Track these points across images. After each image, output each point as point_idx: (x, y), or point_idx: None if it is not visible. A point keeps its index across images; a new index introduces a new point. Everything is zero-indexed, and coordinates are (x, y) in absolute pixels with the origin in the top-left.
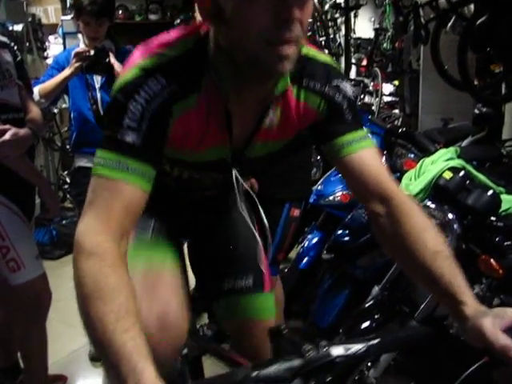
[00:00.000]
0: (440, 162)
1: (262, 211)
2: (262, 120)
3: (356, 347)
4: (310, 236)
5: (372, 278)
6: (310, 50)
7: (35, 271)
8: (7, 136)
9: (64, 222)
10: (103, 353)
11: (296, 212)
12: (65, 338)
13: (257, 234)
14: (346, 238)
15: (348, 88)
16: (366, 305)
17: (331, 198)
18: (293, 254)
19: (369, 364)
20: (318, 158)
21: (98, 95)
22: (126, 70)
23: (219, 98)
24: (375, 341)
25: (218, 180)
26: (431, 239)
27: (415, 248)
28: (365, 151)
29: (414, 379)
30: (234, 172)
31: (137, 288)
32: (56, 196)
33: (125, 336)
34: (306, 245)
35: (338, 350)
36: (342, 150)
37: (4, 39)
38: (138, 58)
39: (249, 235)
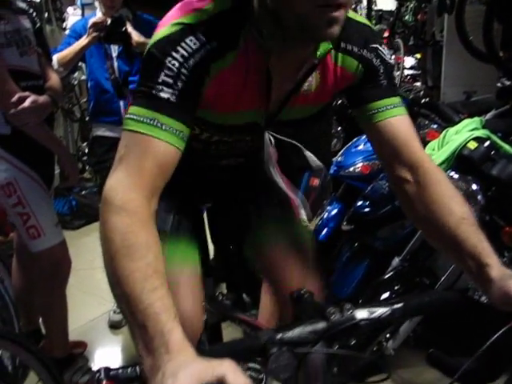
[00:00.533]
0: (464, 132)
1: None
2: (302, 83)
3: (380, 310)
4: (329, 207)
5: (392, 250)
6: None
7: (55, 238)
8: (27, 103)
9: (83, 192)
10: (129, 310)
11: (316, 181)
12: (84, 307)
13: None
14: (366, 210)
15: (385, 52)
16: (386, 276)
17: (351, 169)
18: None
19: (387, 335)
20: (339, 129)
21: (115, 64)
22: (164, 26)
23: (260, 57)
24: (399, 304)
25: (248, 143)
26: (457, 207)
27: (440, 214)
28: (398, 118)
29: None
30: (268, 135)
31: None
32: (75, 163)
33: (153, 295)
34: (325, 216)
35: (362, 313)
36: (376, 115)
37: (23, 5)
38: (177, 14)
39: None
